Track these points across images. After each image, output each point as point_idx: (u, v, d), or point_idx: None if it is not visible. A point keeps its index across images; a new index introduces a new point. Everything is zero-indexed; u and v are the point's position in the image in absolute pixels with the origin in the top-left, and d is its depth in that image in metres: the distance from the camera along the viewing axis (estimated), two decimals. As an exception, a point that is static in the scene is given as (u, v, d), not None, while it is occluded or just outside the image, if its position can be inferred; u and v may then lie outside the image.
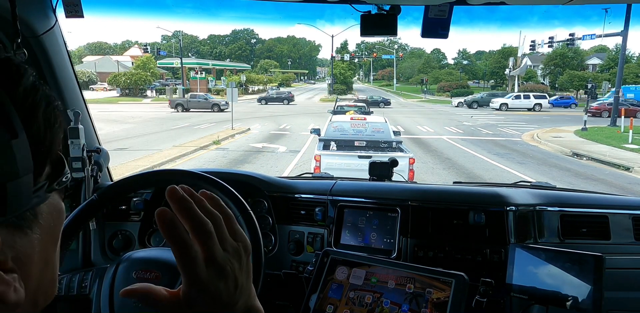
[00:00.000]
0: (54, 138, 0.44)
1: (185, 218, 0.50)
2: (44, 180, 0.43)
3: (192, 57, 79.85)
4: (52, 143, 0.43)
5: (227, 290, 0.52)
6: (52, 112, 0.44)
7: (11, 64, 0.41)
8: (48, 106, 0.43)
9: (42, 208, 0.43)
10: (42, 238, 0.43)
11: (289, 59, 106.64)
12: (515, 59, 49.40)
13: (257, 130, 18.12)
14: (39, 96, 0.42)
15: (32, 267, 0.42)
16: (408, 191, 1.70)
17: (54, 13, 1.51)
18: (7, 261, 0.39)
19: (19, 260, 0.40)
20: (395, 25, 1.54)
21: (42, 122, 0.42)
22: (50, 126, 0.43)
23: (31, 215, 0.42)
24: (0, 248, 0.37)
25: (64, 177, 0.46)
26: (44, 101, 0.43)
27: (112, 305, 1.10)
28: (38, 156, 0.41)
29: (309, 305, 1.20)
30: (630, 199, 1.80)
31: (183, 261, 0.49)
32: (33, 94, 0.41)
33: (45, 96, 0.43)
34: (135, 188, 1.36)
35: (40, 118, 0.41)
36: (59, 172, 0.46)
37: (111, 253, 1.72)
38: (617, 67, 22.66)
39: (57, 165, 0.45)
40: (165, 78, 63.03)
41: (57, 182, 0.45)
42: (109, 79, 43.64)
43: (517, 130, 19.56)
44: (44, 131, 0.42)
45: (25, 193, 0.39)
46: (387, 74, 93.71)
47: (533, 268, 1.37)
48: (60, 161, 0.46)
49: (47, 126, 0.42)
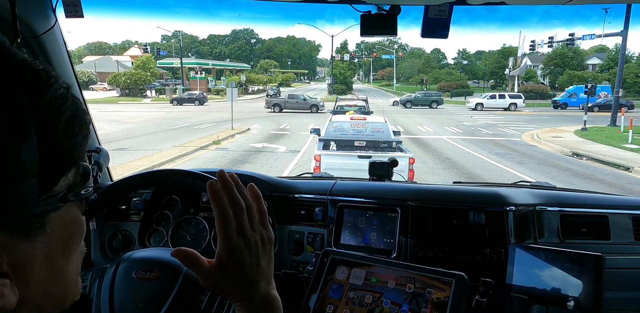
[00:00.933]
0: (75, 148, 0.44)
1: (227, 194, 0.60)
2: (60, 189, 0.43)
3: (192, 57, 79.83)
4: (72, 152, 0.44)
5: (250, 263, 0.62)
6: (78, 123, 0.44)
7: (42, 73, 0.43)
8: (74, 118, 0.44)
9: (52, 217, 0.43)
10: (49, 247, 0.43)
11: (288, 59, 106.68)
12: (515, 59, 49.41)
13: (257, 130, 18.12)
14: (64, 107, 0.43)
15: (33, 274, 0.42)
16: (408, 191, 1.70)
17: (53, 13, 1.51)
18: (2, 265, 0.38)
19: (17, 266, 0.40)
20: (395, 25, 1.54)
21: (62, 131, 0.42)
22: (72, 137, 0.43)
23: (38, 222, 0.41)
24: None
25: (84, 190, 0.47)
26: (70, 111, 0.43)
27: (112, 305, 1.10)
28: (53, 164, 0.41)
29: (309, 305, 1.20)
30: (630, 199, 1.80)
31: (221, 225, 0.60)
32: (58, 104, 0.42)
33: (72, 108, 0.44)
34: (135, 188, 1.36)
35: (62, 126, 0.42)
36: (79, 184, 0.46)
37: (111, 253, 1.72)
38: (617, 67, 22.66)
39: (79, 177, 0.46)
40: (165, 78, 63.03)
41: (74, 194, 0.45)
42: (109, 79, 43.62)
43: (517, 130, 19.56)
44: (63, 140, 0.42)
45: (29, 198, 0.39)
46: (387, 74, 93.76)
47: (533, 268, 1.37)
48: (85, 173, 0.47)
49: (68, 136, 0.43)
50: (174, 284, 1.10)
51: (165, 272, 1.12)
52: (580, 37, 30.30)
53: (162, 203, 1.77)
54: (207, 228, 1.72)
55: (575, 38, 30.95)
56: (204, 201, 1.76)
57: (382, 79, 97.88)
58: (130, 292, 1.11)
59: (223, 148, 13.57)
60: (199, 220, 1.74)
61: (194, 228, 1.73)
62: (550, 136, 17.20)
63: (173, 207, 1.76)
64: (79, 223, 0.48)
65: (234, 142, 14.99)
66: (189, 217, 1.74)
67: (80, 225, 0.49)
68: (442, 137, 16.93)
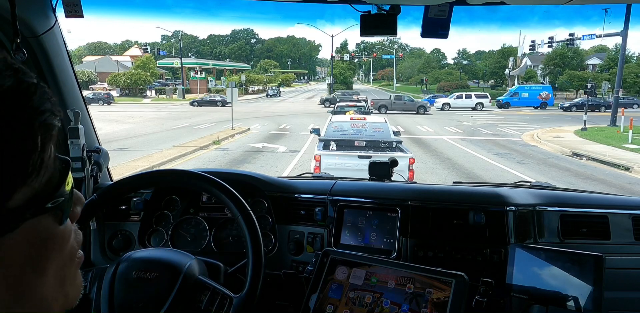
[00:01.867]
0: (33, 156, 0.36)
1: None
2: (16, 205, 0.36)
3: (192, 57, 79.75)
4: (28, 163, 0.36)
5: None
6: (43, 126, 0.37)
7: None
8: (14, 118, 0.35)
9: (6, 239, 0.36)
10: (7, 272, 0.37)
11: (288, 59, 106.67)
12: (515, 59, 49.40)
13: (257, 130, 18.12)
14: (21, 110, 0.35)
15: None
16: (408, 191, 1.70)
17: (53, 13, 1.51)
18: None
19: None
20: (395, 25, 1.54)
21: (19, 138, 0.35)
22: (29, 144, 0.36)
23: None
24: None
25: (52, 202, 0.39)
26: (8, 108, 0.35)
27: (112, 305, 1.10)
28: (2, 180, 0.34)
29: (309, 305, 1.20)
30: (630, 199, 1.80)
31: None
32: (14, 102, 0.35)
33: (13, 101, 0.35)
34: (135, 188, 1.36)
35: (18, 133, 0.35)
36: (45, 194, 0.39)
37: (111, 253, 1.72)
38: (617, 67, 22.66)
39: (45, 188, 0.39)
40: (165, 78, 63.07)
41: (34, 210, 0.38)
42: (109, 79, 43.63)
43: (517, 130, 19.56)
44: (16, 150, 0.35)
45: None
46: (387, 74, 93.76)
47: (533, 268, 1.37)
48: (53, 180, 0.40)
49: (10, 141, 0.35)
50: (174, 284, 1.10)
51: (165, 272, 1.12)
52: (580, 37, 30.30)
53: (162, 203, 1.77)
54: (207, 228, 1.72)
55: (575, 38, 30.94)
56: (204, 201, 1.76)
57: (382, 79, 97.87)
58: (130, 292, 1.11)
59: (223, 148, 13.57)
60: (199, 220, 1.74)
61: (194, 228, 1.73)
62: (550, 136, 17.20)
63: (173, 207, 1.76)
64: (54, 237, 0.41)
65: (234, 142, 14.99)
66: (189, 217, 1.74)
67: (55, 238, 0.41)
68: (442, 137, 16.93)
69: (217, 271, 1.25)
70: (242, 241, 1.53)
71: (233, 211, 1.18)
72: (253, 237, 1.15)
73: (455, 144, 14.98)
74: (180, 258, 1.17)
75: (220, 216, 1.73)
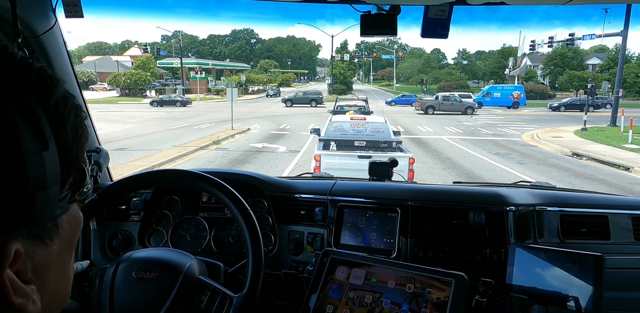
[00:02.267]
0: (80, 148, 0.44)
1: None
2: (66, 191, 0.43)
3: (192, 57, 79.77)
4: (77, 153, 0.44)
5: None
6: (80, 123, 0.44)
7: (45, 74, 0.41)
8: (76, 117, 0.43)
9: (63, 219, 0.43)
10: (60, 248, 0.43)
11: (288, 59, 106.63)
12: (515, 59, 49.44)
13: (257, 130, 18.12)
14: (68, 108, 0.42)
15: (49, 278, 0.42)
16: (408, 191, 1.70)
17: (54, 13, 1.51)
18: (27, 272, 0.39)
19: (37, 271, 0.40)
20: (395, 25, 1.54)
21: (70, 133, 0.42)
22: (78, 137, 0.43)
23: (53, 225, 0.41)
24: (22, 258, 0.37)
25: (85, 187, 0.47)
26: (73, 111, 0.43)
27: (112, 305, 1.10)
28: (64, 167, 0.41)
29: (309, 305, 1.20)
30: (630, 199, 1.80)
31: None
32: (63, 106, 0.41)
33: (73, 107, 0.43)
34: (135, 188, 1.36)
35: (69, 129, 0.42)
36: (80, 182, 0.45)
37: (111, 253, 1.72)
38: (617, 67, 22.66)
39: (79, 176, 0.45)
40: (165, 78, 63.04)
41: (79, 193, 0.45)
42: (109, 79, 43.63)
43: (517, 130, 19.56)
44: (72, 142, 0.42)
45: (51, 204, 0.39)
46: (387, 74, 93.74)
47: (533, 268, 1.37)
48: (82, 171, 0.46)
49: (75, 137, 0.43)
50: (174, 284, 1.10)
51: (165, 272, 1.12)
52: (580, 37, 30.30)
53: (162, 203, 1.77)
54: (207, 228, 1.72)
55: (575, 38, 30.95)
56: (204, 201, 1.76)
57: (382, 79, 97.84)
58: (130, 292, 1.11)
59: (223, 148, 13.57)
60: (199, 220, 1.74)
61: (194, 228, 1.73)
62: (550, 136, 17.20)
63: (173, 207, 1.76)
64: (80, 221, 0.48)
65: (234, 142, 14.99)
66: (189, 217, 1.74)
67: (81, 222, 0.49)
68: (442, 137, 16.93)
69: (217, 271, 1.25)
70: (242, 241, 1.53)
71: (233, 211, 1.18)
72: (253, 237, 1.15)
73: (455, 144, 14.98)
74: (180, 258, 1.18)
75: (220, 216, 1.73)
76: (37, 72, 0.40)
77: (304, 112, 27.15)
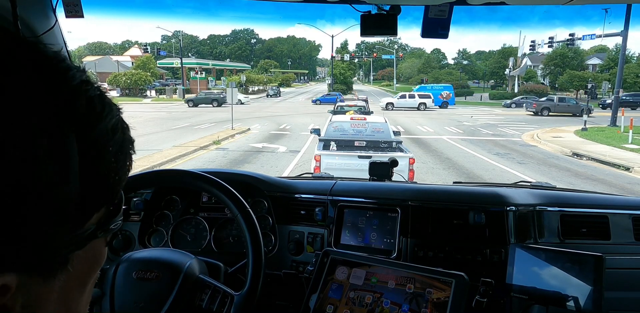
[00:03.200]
0: (118, 184, 0.40)
1: None
2: (90, 225, 0.39)
3: (192, 57, 79.75)
4: (113, 188, 0.40)
5: None
6: (123, 158, 0.40)
7: (96, 103, 0.37)
8: (120, 152, 0.39)
9: (77, 255, 0.39)
10: (67, 284, 0.39)
11: (288, 59, 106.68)
12: (515, 59, 49.44)
13: (257, 130, 18.12)
14: (113, 141, 0.38)
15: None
16: (408, 191, 1.70)
17: (54, 13, 1.51)
18: (15, 307, 0.35)
19: (29, 307, 0.36)
20: (395, 25, 1.54)
21: (106, 167, 0.38)
22: (116, 172, 0.39)
23: (60, 261, 0.37)
24: (12, 293, 0.34)
25: (114, 224, 0.42)
26: (117, 145, 0.39)
27: (112, 305, 1.10)
28: (91, 202, 0.37)
29: (309, 305, 1.20)
30: (630, 199, 1.80)
31: None
32: (107, 139, 0.38)
33: (120, 141, 0.39)
34: (135, 188, 1.36)
35: (106, 162, 0.38)
36: (110, 218, 0.42)
37: (111, 253, 1.72)
38: (617, 67, 22.66)
39: (111, 211, 0.42)
40: (165, 78, 63.07)
41: (104, 229, 0.41)
42: (109, 79, 43.62)
43: (517, 130, 19.56)
44: (105, 177, 0.38)
45: (59, 240, 0.36)
46: (387, 74, 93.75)
47: (533, 268, 1.37)
48: (117, 207, 0.42)
49: (111, 172, 0.39)
50: (174, 284, 1.10)
51: (166, 272, 1.12)
52: (580, 38, 30.33)
53: (162, 203, 1.77)
54: (207, 228, 1.72)
55: (575, 38, 30.97)
56: (204, 201, 1.76)
57: (382, 79, 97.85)
58: (131, 292, 1.11)
59: (223, 148, 13.57)
60: (199, 220, 1.74)
61: (194, 228, 1.73)
62: (551, 136, 17.20)
63: (173, 207, 1.76)
64: (101, 256, 0.44)
65: (234, 142, 14.99)
66: (189, 217, 1.74)
67: (102, 258, 0.44)
68: (442, 137, 16.93)
69: (217, 271, 1.25)
70: (242, 241, 1.53)
71: (233, 211, 1.18)
72: (253, 237, 1.15)
73: (455, 144, 14.98)
74: (180, 258, 1.18)
75: (220, 216, 1.73)
76: (89, 100, 0.37)
77: (305, 113, 27.13)
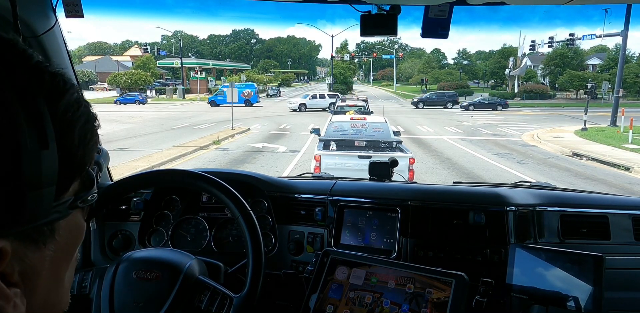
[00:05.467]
0: (87, 155, 0.44)
1: None
2: (69, 196, 0.43)
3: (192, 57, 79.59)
4: (83, 159, 0.44)
5: None
6: (90, 130, 0.44)
7: (59, 79, 0.42)
8: (86, 123, 0.44)
9: (61, 224, 0.43)
10: (56, 255, 0.42)
11: (288, 59, 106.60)
12: (515, 59, 49.43)
13: (257, 130, 18.12)
14: (79, 112, 0.43)
15: (39, 283, 0.41)
16: (408, 191, 1.70)
17: (54, 13, 1.51)
18: (14, 275, 0.38)
19: (26, 275, 0.39)
20: (395, 25, 1.54)
21: (77, 138, 0.42)
22: (85, 143, 0.43)
23: (48, 229, 0.41)
24: (8, 259, 0.37)
25: (90, 196, 0.46)
26: (84, 117, 0.43)
27: (112, 305, 1.10)
28: (66, 171, 0.41)
29: (309, 305, 1.20)
30: (630, 199, 1.80)
31: None
32: (74, 110, 0.42)
33: (85, 113, 0.44)
34: (135, 188, 1.36)
35: (76, 133, 0.42)
36: (86, 190, 0.46)
37: (111, 253, 1.72)
38: (617, 67, 22.66)
39: (85, 183, 0.46)
40: (165, 78, 63.05)
41: (82, 200, 0.45)
42: (109, 79, 43.65)
43: (517, 130, 19.56)
44: (77, 147, 0.42)
45: (45, 206, 0.39)
46: (387, 74, 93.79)
47: (533, 268, 1.37)
48: (90, 179, 0.46)
49: (82, 143, 0.43)
50: (174, 284, 1.10)
51: (165, 272, 1.12)
52: (580, 38, 30.31)
53: (162, 203, 1.77)
54: (207, 228, 1.72)
55: (575, 38, 30.96)
56: (204, 201, 1.76)
57: (382, 79, 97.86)
58: (131, 292, 1.11)
59: (223, 148, 13.57)
60: (199, 220, 1.74)
61: (194, 228, 1.73)
62: (551, 136, 17.20)
63: (173, 207, 1.76)
64: (82, 229, 0.48)
65: (234, 142, 14.99)
66: (189, 217, 1.74)
67: (83, 231, 0.48)
68: (442, 137, 16.93)
69: (217, 271, 1.25)
70: (242, 241, 1.53)
71: (233, 211, 1.18)
72: (253, 237, 1.15)
73: (455, 144, 14.98)
74: (180, 258, 1.18)
75: (220, 216, 1.73)
76: (52, 75, 0.41)
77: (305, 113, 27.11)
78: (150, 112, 27.45)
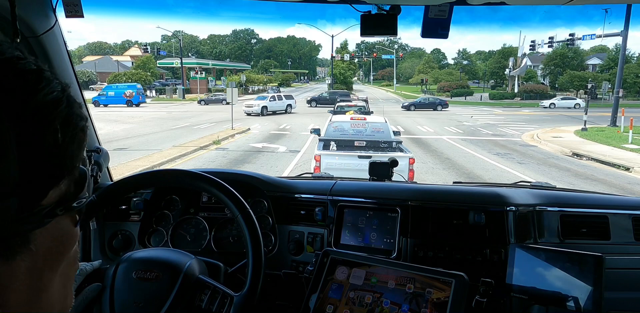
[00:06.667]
0: (67, 158, 0.40)
1: None
2: (50, 202, 0.39)
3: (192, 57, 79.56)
4: (63, 162, 0.39)
5: None
6: (70, 131, 0.39)
7: (30, 76, 0.38)
8: (66, 125, 0.39)
9: (37, 234, 0.39)
10: (34, 265, 0.39)
11: (288, 59, 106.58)
12: (515, 59, 49.43)
13: (257, 130, 18.12)
14: (55, 113, 0.38)
15: (12, 295, 0.38)
16: (408, 191, 1.70)
17: (54, 13, 1.51)
18: None
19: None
20: (395, 25, 1.54)
21: (51, 141, 0.37)
22: (64, 146, 0.39)
23: (20, 241, 0.37)
24: None
25: (77, 202, 0.43)
26: (61, 118, 0.38)
27: (112, 305, 1.10)
28: (40, 177, 0.37)
29: (309, 305, 1.20)
30: (630, 199, 1.80)
31: None
32: (47, 111, 0.38)
33: (65, 114, 0.39)
34: (135, 188, 1.36)
35: (50, 136, 0.37)
36: (71, 194, 0.42)
37: (111, 253, 1.72)
38: (617, 67, 22.66)
39: (73, 186, 0.42)
40: (165, 78, 63.06)
41: (64, 207, 0.41)
42: (109, 79, 43.64)
43: (517, 130, 19.56)
44: (53, 150, 0.38)
45: (6, 219, 0.35)
46: (387, 74, 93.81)
47: (533, 268, 1.37)
48: (79, 183, 0.43)
49: (59, 145, 0.38)
50: (174, 284, 1.10)
51: (165, 272, 1.12)
52: (580, 38, 30.32)
53: (162, 203, 1.77)
54: (207, 228, 1.72)
55: (575, 38, 30.96)
56: (204, 201, 1.76)
57: (382, 79, 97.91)
58: (131, 292, 1.11)
59: (223, 148, 13.57)
60: (199, 220, 1.74)
61: (194, 228, 1.73)
62: (551, 136, 17.20)
63: (173, 207, 1.76)
64: (70, 236, 0.44)
65: (234, 142, 14.99)
66: (189, 217, 1.74)
67: (71, 237, 0.44)
68: (442, 137, 16.93)
69: (217, 271, 1.25)
70: (242, 241, 1.53)
71: (233, 211, 1.18)
72: (253, 237, 1.15)
73: (455, 144, 14.98)
74: (180, 258, 1.18)
75: (220, 216, 1.73)
76: (19, 71, 0.37)
77: (305, 112, 27.10)
78: (150, 112, 27.44)
